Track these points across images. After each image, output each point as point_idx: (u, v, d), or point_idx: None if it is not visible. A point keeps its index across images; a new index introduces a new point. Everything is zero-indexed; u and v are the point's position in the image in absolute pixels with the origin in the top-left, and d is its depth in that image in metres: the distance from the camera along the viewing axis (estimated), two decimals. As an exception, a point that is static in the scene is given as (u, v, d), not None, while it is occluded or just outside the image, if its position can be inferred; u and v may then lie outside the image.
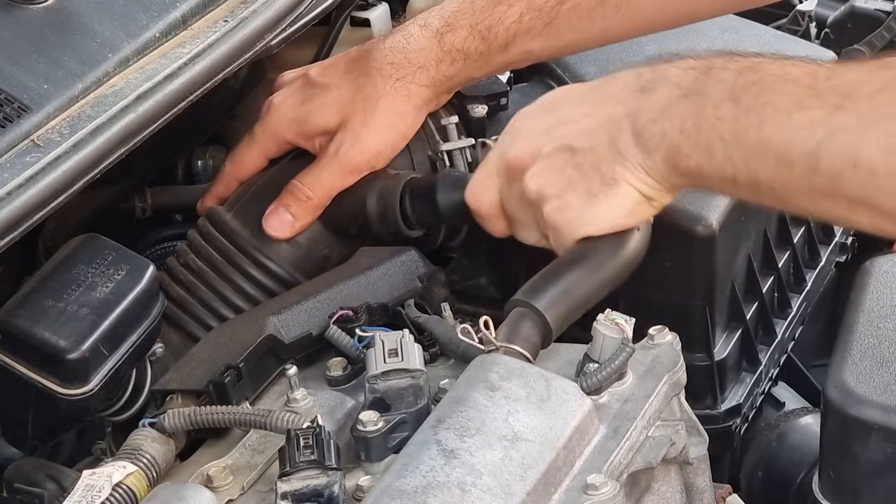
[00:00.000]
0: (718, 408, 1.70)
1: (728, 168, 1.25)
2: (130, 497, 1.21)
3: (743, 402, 1.72)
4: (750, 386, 1.74)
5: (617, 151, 1.30)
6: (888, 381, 1.58)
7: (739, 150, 1.24)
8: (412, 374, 1.29)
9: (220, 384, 1.32)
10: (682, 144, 1.27)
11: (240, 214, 1.55)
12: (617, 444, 1.26)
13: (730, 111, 1.24)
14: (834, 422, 1.59)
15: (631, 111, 1.30)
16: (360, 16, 2.05)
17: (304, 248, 1.53)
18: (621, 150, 1.30)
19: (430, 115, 1.61)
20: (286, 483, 1.18)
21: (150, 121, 1.40)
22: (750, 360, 1.76)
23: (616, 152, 1.30)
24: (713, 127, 1.25)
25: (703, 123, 1.26)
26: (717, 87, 1.26)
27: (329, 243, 1.54)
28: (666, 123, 1.28)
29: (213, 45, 1.50)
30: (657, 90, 1.29)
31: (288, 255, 1.52)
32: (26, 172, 1.28)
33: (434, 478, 1.16)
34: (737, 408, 1.72)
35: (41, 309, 1.27)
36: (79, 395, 1.26)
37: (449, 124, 1.61)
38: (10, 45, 1.38)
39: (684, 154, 1.27)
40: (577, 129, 1.33)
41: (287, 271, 1.51)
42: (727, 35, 1.91)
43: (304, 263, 1.53)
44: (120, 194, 1.76)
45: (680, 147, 1.27)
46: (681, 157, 1.28)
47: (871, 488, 1.58)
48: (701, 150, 1.26)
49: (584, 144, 1.32)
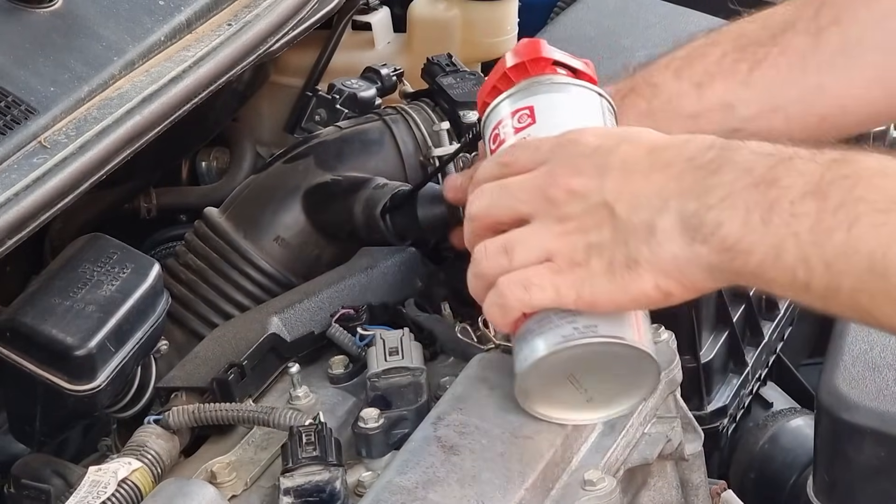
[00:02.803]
0: (705, 409, 1.71)
1: (801, 272, 1.06)
2: (135, 493, 1.22)
3: (729, 402, 1.73)
4: (737, 387, 1.75)
5: (651, 234, 1.11)
6: (881, 386, 1.59)
7: (820, 252, 1.05)
8: (412, 371, 1.30)
9: (224, 382, 1.33)
10: (743, 240, 1.08)
11: (233, 217, 1.56)
12: (613, 440, 1.27)
13: (812, 207, 1.05)
14: (827, 426, 1.60)
15: (685, 191, 1.10)
16: (361, 20, 2.07)
17: (295, 249, 1.54)
18: (657, 234, 1.11)
19: (423, 120, 1.62)
20: (289, 479, 1.19)
21: (154, 123, 1.41)
22: (737, 361, 1.77)
23: (649, 234, 1.11)
24: (787, 224, 1.06)
25: (774, 218, 1.06)
26: (799, 180, 1.07)
27: (319, 245, 1.54)
28: (726, 213, 1.08)
29: (217, 49, 1.51)
30: (722, 173, 1.10)
31: (279, 256, 1.53)
32: (33, 174, 1.29)
33: (434, 474, 1.17)
34: (723, 409, 1.73)
35: (48, 307, 1.28)
36: (86, 392, 1.27)
37: (441, 130, 1.61)
38: (18, 48, 1.39)
39: (742, 251, 1.08)
40: (626, 187, 1.13)
41: (279, 271, 1.53)
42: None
43: (295, 264, 1.53)
44: (125, 195, 1.77)
45: (738, 243, 1.08)
46: (737, 253, 1.08)
47: (864, 492, 1.59)
48: (766, 249, 1.07)
49: (624, 214, 1.12)
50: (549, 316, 1.17)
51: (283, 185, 1.56)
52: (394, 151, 1.59)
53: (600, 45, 2.05)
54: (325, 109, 1.83)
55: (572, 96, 1.28)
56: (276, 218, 1.54)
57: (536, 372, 1.18)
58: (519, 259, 1.16)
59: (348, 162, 1.57)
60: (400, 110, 1.64)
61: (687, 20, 2.11)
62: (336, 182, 1.54)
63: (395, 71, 1.84)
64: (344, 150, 1.58)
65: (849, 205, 1.04)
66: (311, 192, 1.54)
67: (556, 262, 1.15)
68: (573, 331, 1.16)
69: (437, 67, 1.67)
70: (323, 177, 1.55)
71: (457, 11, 2.08)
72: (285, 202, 1.54)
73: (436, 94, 1.65)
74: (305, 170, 1.56)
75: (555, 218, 1.15)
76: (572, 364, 1.18)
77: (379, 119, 1.62)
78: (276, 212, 1.54)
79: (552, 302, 1.15)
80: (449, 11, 2.08)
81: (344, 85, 1.81)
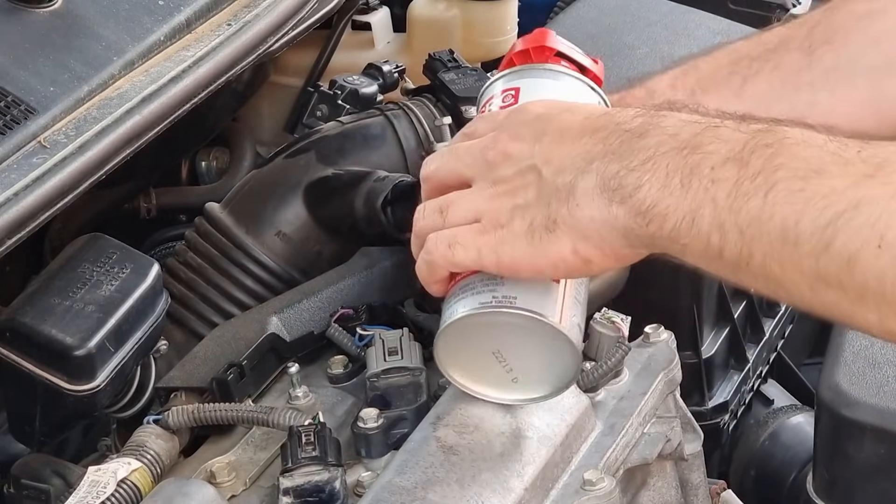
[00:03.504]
0: (706, 404, 1.72)
1: (715, 238, 1.05)
2: (135, 493, 1.22)
3: (730, 398, 1.74)
4: (737, 383, 1.76)
5: (571, 194, 1.11)
6: (881, 383, 1.59)
7: (735, 218, 1.04)
8: (412, 371, 1.30)
9: (224, 382, 1.33)
10: (659, 203, 1.07)
11: (234, 212, 1.56)
12: (613, 440, 1.27)
13: (732, 173, 1.04)
14: (827, 423, 1.60)
15: (609, 152, 1.10)
16: (361, 20, 2.07)
17: (297, 244, 1.54)
18: (576, 195, 1.10)
19: (425, 116, 1.62)
20: (288, 479, 1.19)
21: (154, 123, 1.41)
22: (738, 357, 1.77)
23: (570, 194, 1.11)
24: (706, 189, 1.05)
25: (693, 183, 1.05)
26: (723, 147, 1.06)
27: (321, 240, 1.54)
28: (646, 175, 1.07)
29: (216, 49, 1.51)
30: (648, 136, 1.09)
31: (281, 251, 1.53)
32: (33, 173, 1.29)
33: (433, 474, 1.17)
34: (724, 405, 1.73)
35: (48, 307, 1.28)
36: (85, 391, 1.27)
37: (443, 125, 1.62)
38: (17, 48, 1.39)
39: (658, 214, 1.07)
40: (555, 151, 1.14)
41: (280, 266, 1.53)
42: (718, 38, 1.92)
43: (297, 259, 1.53)
44: (125, 195, 1.77)
45: (655, 205, 1.07)
46: (654, 216, 1.07)
47: (864, 489, 1.59)
48: (682, 214, 1.06)
49: (549, 176, 1.13)
50: (473, 282, 1.17)
51: (284, 180, 1.56)
52: (395, 146, 1.59)
53: (601, 42, 2.05)
54: (326, 105, 1.83)
55: (561, 84, 1.29)
56: (277, 213, 1.54)
57: (452, 334, 1.18)
58: (451, 219, 1.17)
59: (350, 156, 1.57)
60: (402, 105, 1.64)
61: (688, 18, 2.12)
62: (337, 176, 1.54)
63: (396, 68, 1.84)
64: (345, 145, 1.58)
65: (768, 171, 1.03)
66: (312, 187, 1.54)
67: (483, 223, 1.15)
68: (491, 298, 1.16)
69: (438, 63, 1.68)
70: (324, 171, 1.55)
71: (457, 11, 2.08)
72: (287, 197, 1.54)
73: (437, 90, 1.66)
74: (307, 164, 1.56)
75: (490, 180, 1.16)
76: (491, 335, 1.17)
77: (381, 114, 1.62)
78: (278, 206, 1.54)
79: (474, 262, 1.16)
80: (449, 11, 2.08)
81: (346, 81, 1.81)
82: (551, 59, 1.31)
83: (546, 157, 1.14)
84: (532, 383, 1.20)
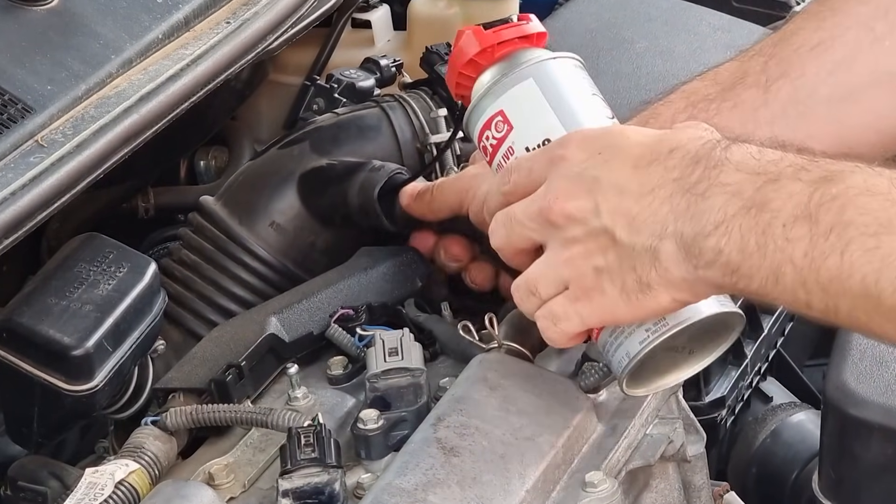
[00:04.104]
0: (703, 399, 1.72)
1: (801, 294, 1.10)
2: (133, 495, 1.22)
3: (727, 394, 1.74)
4: (735, 379, 1.76)
5: (656, 260, 1.15)
6: (888, 382, 1.59)
7: (816, 277, 1.08)
8: (412, 372, 1.30)
9: (222, 383, 1.32)
10: (742, 265, 1.11)
11: (228, 203, 1.55)
12: (615, 441, 1.27)
13: (804, 232, 1.08)
14: (834, 422, 1.60)
15: (679, 216, 1.14)
16: (361, 17, 2.06)
17: (291, 234, 1.53)
18: (662, 261, 1.15)
19: (421, 108, 1.62)
20: (287, 481, 1.19)
21: (152, 121, 1.41)
22: (735, 353, 1.77)
23: (654, 260, 1.15)
24: (782, 249, 1.09)
25: (769, 244, 1.10)
26: (788, 202, 1.09)
27: (315, 230, 1.54)
28: (722, 239, 1.11)
29: (215, 47, 1.51)
30: (712, 196, 1.12)
31: (275, 242, 1.53)
32: (30, 173, 1.29)
33: (434, 475, 1.17)
34: (721, 400, 1.73)
35: (45, 307, 1.28)
36: (83, 392, 1.26)
37: (438, 117, 1.62)
38: (14, 46, 1.39)
39: (744, 275, 1.12)
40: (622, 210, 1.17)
41: (275, 257, 1.52)
42: (719, 34, 1.92)
43: (291, 250, 1.53)
44: (123, 194, 1.77)
45: (739, 268, 1.12)
46: (740, 277, 1.12)
47: (871, 489, 1.59)
48: (766, 273, 1.10)
49: (626, 239, 1.16)
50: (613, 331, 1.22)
51: (278, 171, 1.56)
52: (391, 138, 1.60)
53: (601, 37, 2.05)
54: (323, 99, 1.83)
55: (530, 84, 1.29)
56: (271, 203, 1.54)
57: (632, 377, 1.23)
58: (544, 294, 1.22)
59: (344, 147, 1.57)
60: (397, 97, 1.64)
61: (688, 14, 2.11)
62: (331, 166, 1.54)
63: (394, 62, 1.84)
64: (340, 136, 1.58)
65: (839, 229, 1.07)
66: (306, 177, 1.54)
67: (572, 290, 1.21)
68: (646, 333, 1.21)
69: (435, 56, 1.67)
70: (318, 161, 1.55)
71: (457, 9, 2.07)
72: (280, 187, 1.54)
73: (434, 83, 1.66)
74: (301, 155, 1.56)
75: (561, 242, 1.21)
76: (662, 350, 1.22)
77: (376, 105, 1.62)
78: (271, 197, 1.54)
79: (580, 327, 1.22)
80: (449, 9, 2.07)
81: (343, 74, 1.81)
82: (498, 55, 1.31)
83: (613, 218, 1.17)
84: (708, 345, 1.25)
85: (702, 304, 1.20)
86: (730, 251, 1.11)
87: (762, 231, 1.10)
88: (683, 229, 1.13)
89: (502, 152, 1.29)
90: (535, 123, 1.28)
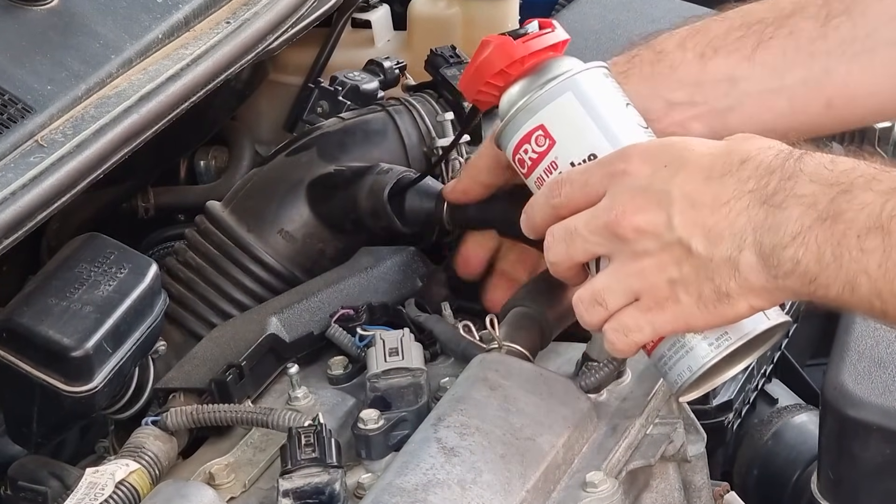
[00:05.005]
0: (710, 403, 1.72)
1: (876, 303, 1.13)
2: (133, 495, 1.22)
3: (734, 397, 1.73)
4: (741, 382, 1.75)
5: (735, 270, 1.17)
6: (887, 383, 1.59)
7: (890, 287, 1.12)
8: (412, 372, 1.30)
9: (223, 383, 1.32)
10: (820, 275, 1.14)
11: (236, 210, 1.55)
12: (615, 441, 1.27)
13: (877, 243, 1.12)
14: (833, 423, 1.59)
15: (757, 227, 1.16)
16: (361, 17, 2.06)
17: (300, 242, 1.53)
18: (742, 271, 1.17)
19: (427, 111, 1.61)
20: (288, 481, 1.19)
21: (152, 121, 1.41)
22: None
23: (734, 270, 1.17)
24: (857, 260, 1.13)
25: (844, 254, 1.13)
26: (861, 213, 1.13)
27: (324, 237, 1.54)
28: (800, 250, 1.14)
29: (215, 47, 1.50)
30: (788, 208, 1.15)
31: (284, 250, 1.53)
32: (30, 173, 1.29)
33: (434, 475, 1.17)
34: (728, 403, 1.73)
35: (45, 307, 1.28)
36: (83, 393, 1.26)
37: (444, 120, 1.61)
38: (14, 46, 1.38)
39: (821, 285, 1.15)
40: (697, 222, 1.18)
41: (283, 265, 1.52)
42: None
43: (300, 257, 1.53)
44: (123, 194, 1.77)
45: (817, 277, 1.15)
46: (817, 286, 1.15)
47: (870, 489, 1.59)
48: (842, 283, 1.14)
49: (703, 251, 1.18)
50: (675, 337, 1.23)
51: (286, 178, 1.56)
52: (397, 142, 1.59)
53: (604, 38, 2.05)
54: (327, 101, 1.82)
55: (569, 98, 1.28)
56: (280, 211, 1.54)
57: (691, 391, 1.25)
58: (612, 305, 1.22)
59: (351, 153, 1.57)
60: (403, 101, 1.64)
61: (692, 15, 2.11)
62: (339, 172, 1.54)
63: (397, 64, 1.83)
64: (346, 141, 1.58)
65: None
66: (314, 184, 1.54)
67: (643, 301, 1.21)
68: (708, 348, 1.23)
69: (440, 59, 1.68)
70: (326, 168, 1.55)
71: (457, 9, 2.07)
72: (289, 195, 1.54)
73: (439, 86, 1.65)
74: (309, 162, 1.56)
75: (629, 255, 1.21)
76: None
77: (382, 110, 1.62)
78: (280, 205, 1.54)
79: (652, 337, 1.23)
80: (450, 9, 2.07)
81: (346, 77, 1.81)
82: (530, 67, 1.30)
83: (688, 231, 1.18)
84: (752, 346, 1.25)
85: (757, 315, 1.22)
86: (807, 262, 1.14)
87: (837, 242, 1.13)
88: (763, 240, 1.16)
89: (543, 166, 1.28)
90: (579, 138, 1.27)
